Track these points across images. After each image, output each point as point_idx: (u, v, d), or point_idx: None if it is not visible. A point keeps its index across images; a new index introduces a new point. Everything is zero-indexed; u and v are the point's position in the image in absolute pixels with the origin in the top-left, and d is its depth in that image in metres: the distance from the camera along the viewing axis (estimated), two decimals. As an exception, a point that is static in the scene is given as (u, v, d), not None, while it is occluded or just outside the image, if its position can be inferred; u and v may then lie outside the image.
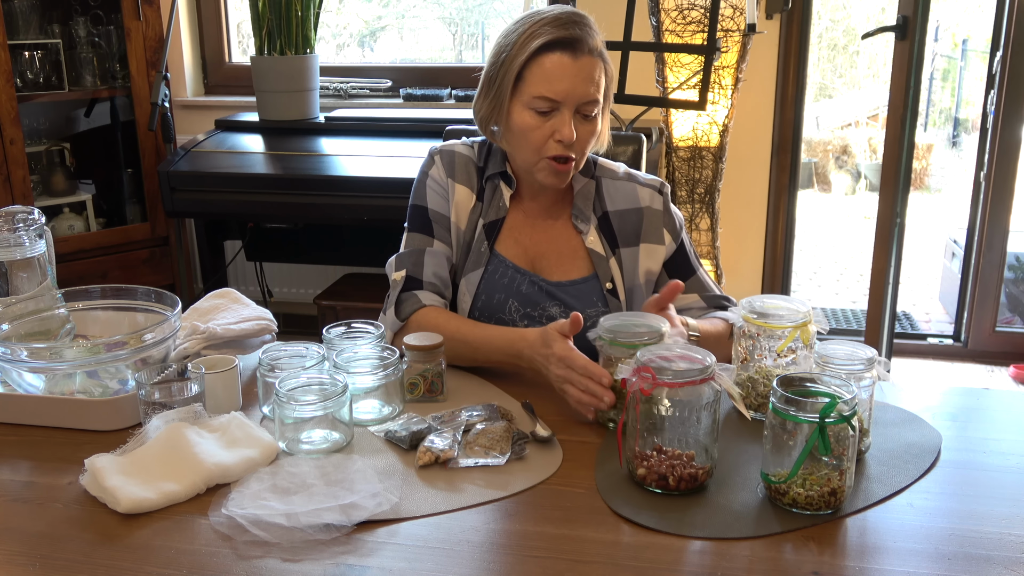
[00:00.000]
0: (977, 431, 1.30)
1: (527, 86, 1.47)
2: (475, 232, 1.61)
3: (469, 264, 1.60)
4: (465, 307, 1.59)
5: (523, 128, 1.49)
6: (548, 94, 1.45)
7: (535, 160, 1.51)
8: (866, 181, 7.05)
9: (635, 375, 1.11)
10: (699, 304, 1.60)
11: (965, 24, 7.00)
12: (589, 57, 1.46)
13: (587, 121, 1.49)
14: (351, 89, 3.56)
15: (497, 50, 1.52)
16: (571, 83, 1.45)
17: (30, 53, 3.14)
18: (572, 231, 1.62)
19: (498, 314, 1.58)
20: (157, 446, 1.15)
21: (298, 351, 1.35)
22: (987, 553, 1.00)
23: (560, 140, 1.47)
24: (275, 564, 0.98)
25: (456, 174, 1.62)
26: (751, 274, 3.50)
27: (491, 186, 1.62)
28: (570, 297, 1.59)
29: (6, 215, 1.43)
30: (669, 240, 1.62)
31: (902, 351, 3.65)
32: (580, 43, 1.45)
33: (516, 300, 1.58)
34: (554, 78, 1.45)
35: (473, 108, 1.58)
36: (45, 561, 0.99)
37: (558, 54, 1.45)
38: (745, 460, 1.19)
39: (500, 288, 1.59)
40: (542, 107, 1.47)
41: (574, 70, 1.45)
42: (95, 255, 3.23)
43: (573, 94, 1.46)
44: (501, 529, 1.05)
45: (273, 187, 2.90)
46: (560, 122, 1.47)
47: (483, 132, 1.60)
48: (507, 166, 1.62)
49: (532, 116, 1.48)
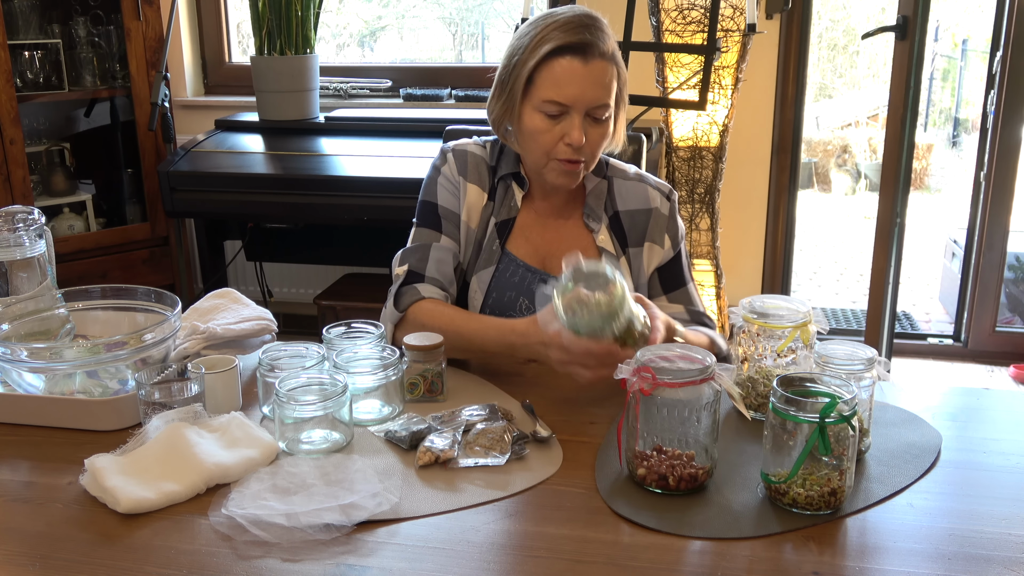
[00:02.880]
0: (977, 431, 1.30)
1: (537, 90, 1.48)
2: (487, 231, 1.61)
3: (481, 262, 1.61)
4: (476, 304, 1.60)
5: (533, 131, 1.50)
6: (557, 98, 1.46)
7: (545, 162, 1.52)
8: (866, 181, 7.05)
9: (635, 375, 1.11)
10: (683, 316, 1.60)
11: (965, 24, 7.01)
12: (600, 61, 1.47)
13: (598, 124, 1.50)
14: (351, 89, 3.56)
15: (510, 52, 1.53)
16: (580, 88, 1.46)
17: (30, 53, 3.14)
18: (583, 230, 1.62)
19: (509, 312, 1.59)
20: (157, 446, 1.15)
21: (298, 351, 1.35)
22: (987, 553, 1.00)
23: (569, 144, 1.48)
24: (275, 564, 0.98)
25: (468, 173, 1.63)
26: (751, 274, 3.50)
27: (503, 186, 1.63)
28: None
29: (6, 215, 1.43)
30: (668, 246, 1.62)
31: (902, 351, 3.65)
32: (591, 47, 1.46)
33: (527, 298, 1.59)
34: (564, 83, 1.46)
35: (487, 108, 1.59)
36: (45, 561, 0.99)
37: (568, 59, 1.45)
38: (745, 460, 1.19)
39: (511, 286, 1.59)
40: (552, 111, 1.47)
41: (583, 74, 1.45)
42: (95, 255, 3.23)
43: (583, 98, 1.46)
44: (501, 529, 1.05)
45: (273, 187, 2.90)
46: (569, 125, 1.47)
47: (496, 132, 1.61)
48: (520, 167, 1.63)
49: (542, 119, 1.49)
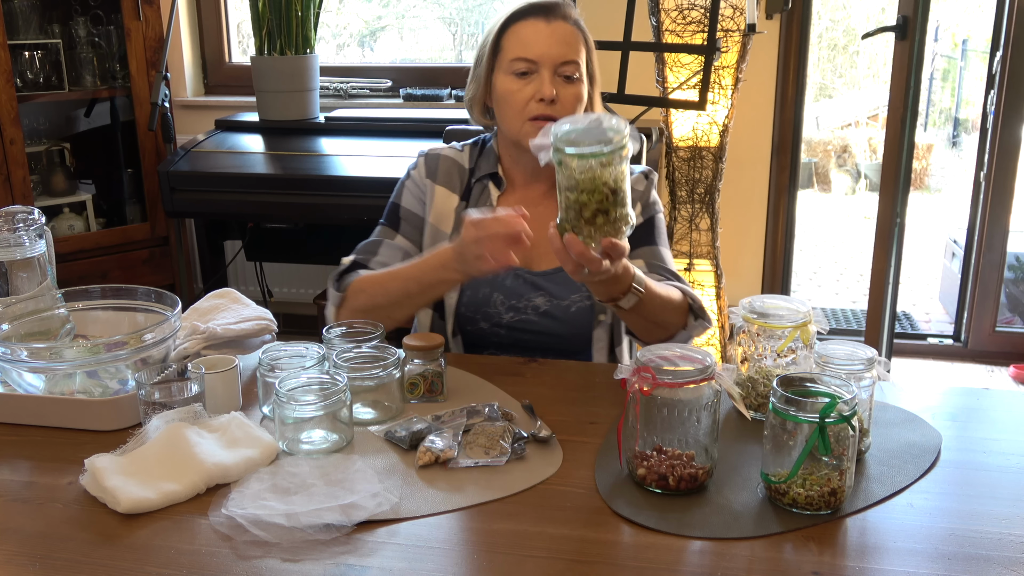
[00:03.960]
0: (977, 431, 1.30)
1: (505, 53, 1.54)
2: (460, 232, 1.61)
3: None
4: (452, 302, 1.61)
5: (505, 92, 1.54)
6: (524, 54, 1.52)
7: (520, 124, 1.55)
8: (866, 181, 7.05)
9: (635, 375, 1.11)
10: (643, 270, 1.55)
11: (965, 24, 7.00)
12: (563, 23, 1.54)
13: (569, 83, 1.54)
14: (351, 89, 3.56)
15: (482, 38, 1.60)
16: (546, 44, 1.52)
17: (30, 53, 3.14)
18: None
19: (484, 308, 1.60)
20: (157, 446, 1.15)
21: (298, 351, 1.35)
22: (987, 553, 1.00)
23: (541, 99, 1.51)
24: (275, 564, 0.98)
25: (438, 176, 1.65)
26: (751, 274, 3.50)
27: (479, 187, 1.65)
28: (555, 285, 1.60)
29: (6, 215, 1.43)
30: (639, 212, 1.62)
31: (902, 351, 3.65)
32: (553, 9, 1.53)
33: (501, 293, 1.60)
34: (529, 41, 1.52)
35: (464, 96, 1.65)
36: (45, 561, 0.99)
37: (531, 20, 1.53)
38: (745, 460, 1.19)
39: (485, 283, 1.60)
40: (520, 68, 1.53)
41: (547, 32, 1.52)
42: (95, 255, 3.23)
43: (549, 54, 1.52)
44: (501, 529, 1.05)
45: (273, 187, 2.90)
46: (540, 81, 1.52)
47: (473, 118, 1.65)
48: (498, 167, 1.64)
49: (513, 80, 1.54)
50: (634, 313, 1.39)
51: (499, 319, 1.60)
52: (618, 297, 1.36)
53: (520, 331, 1.60)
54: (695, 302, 1.50)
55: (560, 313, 1.59)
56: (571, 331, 1.59)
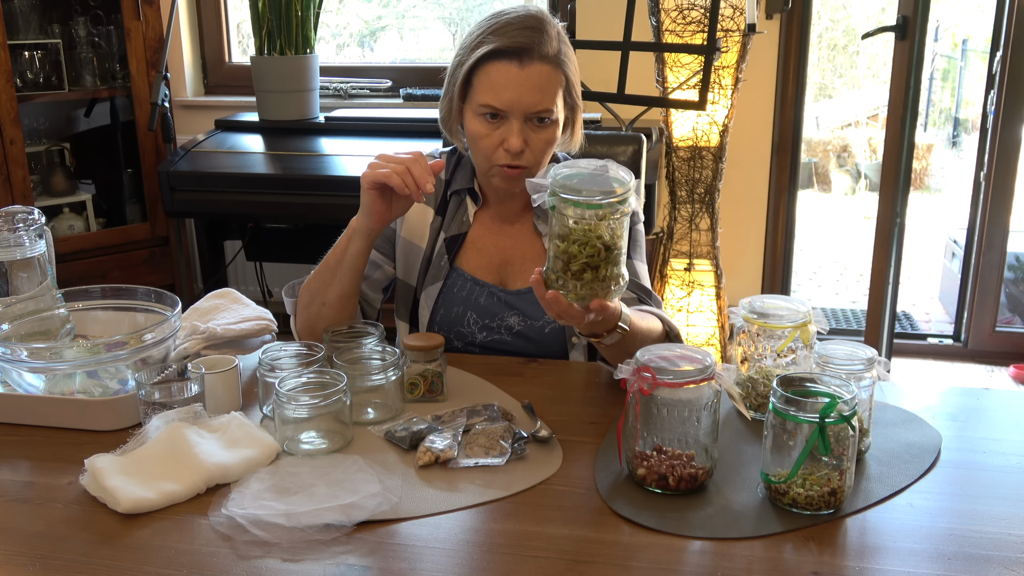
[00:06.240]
0: (977, 431, 1.30)
1: (475, 93, 1.46)
2: (435, 247, 1.60)
3: (429, 278, 1.59)
4: (424, 320, 1.59)
5: (474, 135, 1.48)
6: (493, 103, 1.43)
7: (487, 167, 1.50)
8: (866, 181, 7.05)
9: (635, 375, 1.11)
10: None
11: (965, 24, 7.00)
12: (539, 64, 1.42)
13: (541, 128, 1.46)
14: (351, 89, 3.56)
15: (456, 52, 1.51)
16: (516, 92, 1.42)
17: (30, 53, 3.14)
18: (535, 235, 1.59)
19: (456, 326, 1.57)
20: (157, 446, 1.15)
21: (298, 351, 1.35)
22: (987, 553, 1.00)
23: (508, 150, 1.45)
24: (275, 564, 0.98)
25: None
26: (751, 274, 3.50)
27: (456, 201, 1.61)
28: (528, 305, 1.56)
29: (6, 215, 1.43)
30: None
31: (902, 351, 3.65)
32: (528, 51, 1.41)
33: (474, 312, 1.57)
34: (499, 87, 1.42)
35: (439, 113, 1.57)
36: (45, 561, 0.99)
37: (504, 63, 1.42)
38: (745, 460, 1.19)
39: (459, 301, 1.57)
40: (490, 112, 1.44)
41: (519, 79, 1.41)
42: (95, 255, 3.23)
43: (519, 103, 1.42)
44: (501, 529, 1.05)
45: (273, 187, 2.90)
46: (508, 131, 1.44)
47: (444, 132, 1.58)
48: (475, 182, 1.60)
49: (481, 123, 1.46)
50: (614, 347, 1.34)
51: (472, 338, 1.57)
52: (602, 335, 1.31)
53: (493, 351, 1.57)
54: (672, 330, 1.46)
55: (533, 334, 1.56)
56: (544, 352, 1.56)
